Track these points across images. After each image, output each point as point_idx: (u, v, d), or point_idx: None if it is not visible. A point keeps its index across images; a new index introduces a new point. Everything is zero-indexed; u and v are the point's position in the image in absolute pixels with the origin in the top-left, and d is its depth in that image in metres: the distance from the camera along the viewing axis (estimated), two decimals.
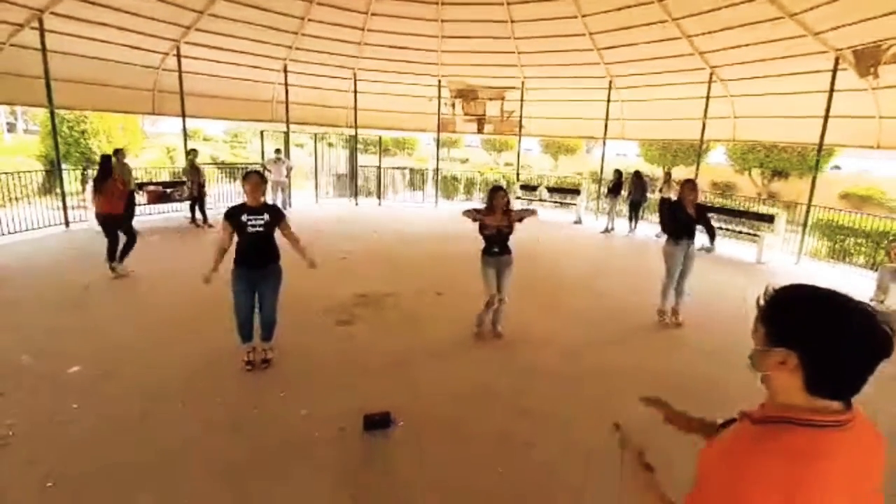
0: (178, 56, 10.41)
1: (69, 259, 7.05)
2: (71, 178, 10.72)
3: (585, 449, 3.05)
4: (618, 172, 11.32)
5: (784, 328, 0.90)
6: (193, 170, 9.60)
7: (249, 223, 3.59)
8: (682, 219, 5.08)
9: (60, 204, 9.09)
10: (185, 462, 2.76)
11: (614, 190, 11.14)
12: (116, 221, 6.15)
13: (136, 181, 9.51)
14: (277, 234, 3.78)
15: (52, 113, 9.05)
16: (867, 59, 8.15)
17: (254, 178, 3.66)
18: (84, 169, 12.36)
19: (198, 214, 9.71)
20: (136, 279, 6.11)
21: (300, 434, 3.07)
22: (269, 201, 3.91)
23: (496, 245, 4.47)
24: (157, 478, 2.63)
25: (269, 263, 3.75)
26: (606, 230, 11.03)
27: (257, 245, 3.64)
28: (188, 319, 4.82)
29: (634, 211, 10.87)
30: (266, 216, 3.65)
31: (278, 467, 2.76)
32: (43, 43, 8.34)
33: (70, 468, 2.66)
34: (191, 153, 9.83)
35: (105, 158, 6.28)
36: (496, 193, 4.45)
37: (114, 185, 6.10)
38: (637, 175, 10.90)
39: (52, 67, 8.56)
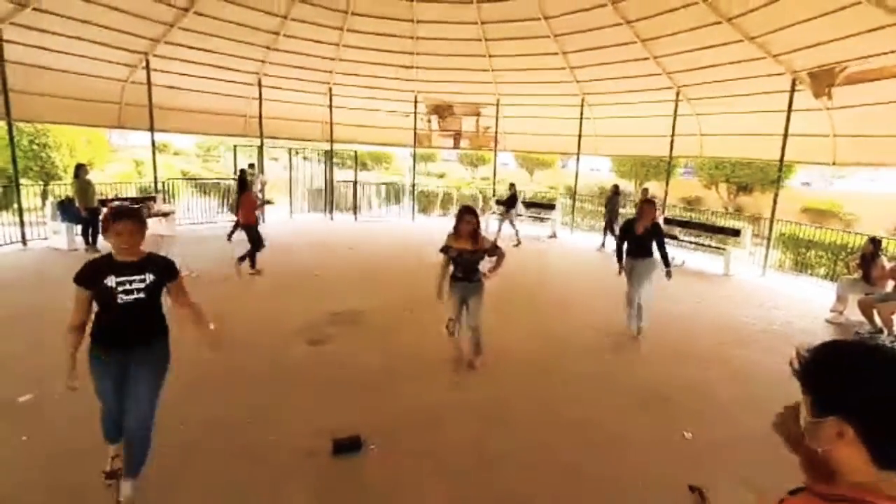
0: (148, 69, 10.18)
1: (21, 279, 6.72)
2: (29, 193, 10.28)
3: (565, 462, 3.04)
4: (512, 185, 11.44)
5: (832, 394, 0.78)
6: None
7: (120, 289, 2.31)
8: (630, 238, 5.17)
9: (17, 220, 8.69)
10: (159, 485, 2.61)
11: (507, 203, 11.08)
12: (251, 230, 7.07)
13: (100, 197, 9.15)
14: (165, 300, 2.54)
15: (9, 126, 8.70)
16: (822, 81, 8.58)
17: (127, 219, 2.30)
18: (45, 184, 11.90)
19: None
20: None
21: (269, 461, 2.94)
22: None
23: (460, 270, 4.16)
24: None
25: (151, 340, 2.48)
26: (512, 239, 10.61)
27: (133, 319, 2.38)
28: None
29: (610, 227, 11.07)
30: (148, 276, 2.38)
31: (243, 497, 2.63)
32: (0, 54, 8.05)
33: None
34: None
35: (242, 172, 7.91)
36: (462, 218, 4.02)
37: (248, 198, 7.33)
38: (614, 190, 11.14)
39: (11, 79, 8.26)
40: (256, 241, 7.10)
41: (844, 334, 5.93)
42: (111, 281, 2.29)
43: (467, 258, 4.09)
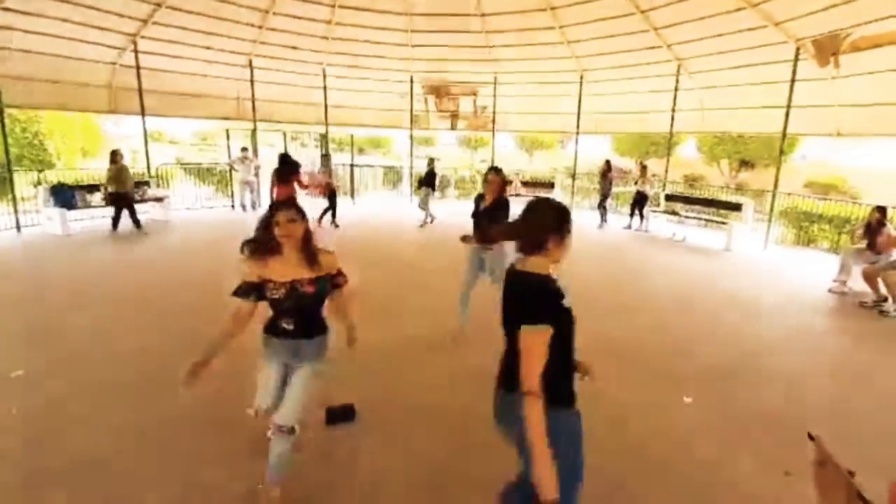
0: (136, 51, 9.98)
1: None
2: (24, 182, 10.16)
3: None
4: (431, 161, 10.93)
5: None
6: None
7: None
8: (479, 215, 4.18)
9: (11, 208, 8.61)
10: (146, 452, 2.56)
11: (426, 181, 10.54)
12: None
13: (92, 184, 9.04)
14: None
15: (0, 112, 8.55)
16: (827, 49, 8.34)
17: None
18: (39, 172, 11.78)
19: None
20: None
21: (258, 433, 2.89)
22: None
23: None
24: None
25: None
26: (423, 224, 10.17)
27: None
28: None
29: (603, 204, 10.94)
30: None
31: (231, 466, 2.58)
32: None
33: None
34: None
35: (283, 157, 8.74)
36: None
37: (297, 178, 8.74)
38: (606, 167, 10.96)
39: None
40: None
41: (848, 304, 5.85)
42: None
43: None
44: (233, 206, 11.90)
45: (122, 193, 8.43)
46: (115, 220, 8.52)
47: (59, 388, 3.36)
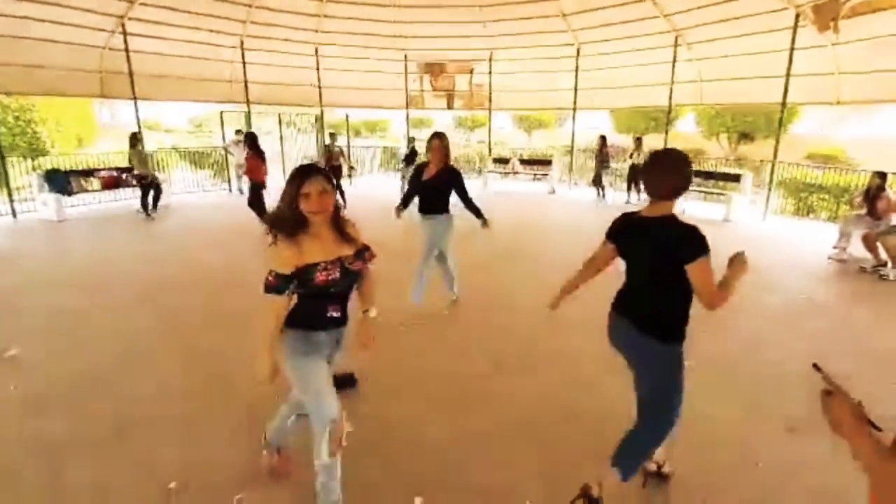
0: (124, 34, 9.79)
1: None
2: (19, 171, 10.05)
3: (557, 398, 3.01)
4: (412, 139, 10.94)
5: None
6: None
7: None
8: (420, 185, 3.92)
9: (6, 194, 8.58)
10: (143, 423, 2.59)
11: (408, 161, 10.49)
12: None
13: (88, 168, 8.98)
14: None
15: None
16: (826, 14, 8.19)
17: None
18: (33, 159, 11.68)
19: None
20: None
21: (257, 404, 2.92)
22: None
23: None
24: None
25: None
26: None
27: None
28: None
29: (598, 179, 10.89)
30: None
31: (226, 432, 2.61)
32: None
33: None
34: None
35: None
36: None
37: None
38: (601, 142, 10.87)
39: None
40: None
41: (847, 270, 5.86)
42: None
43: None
44: (230, 190, 11.84)
45: (147, 175, 8.58)
46: (144, 202, 8.59)
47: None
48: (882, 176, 6.06)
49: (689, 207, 9.57)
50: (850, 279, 5.58)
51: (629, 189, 10.50)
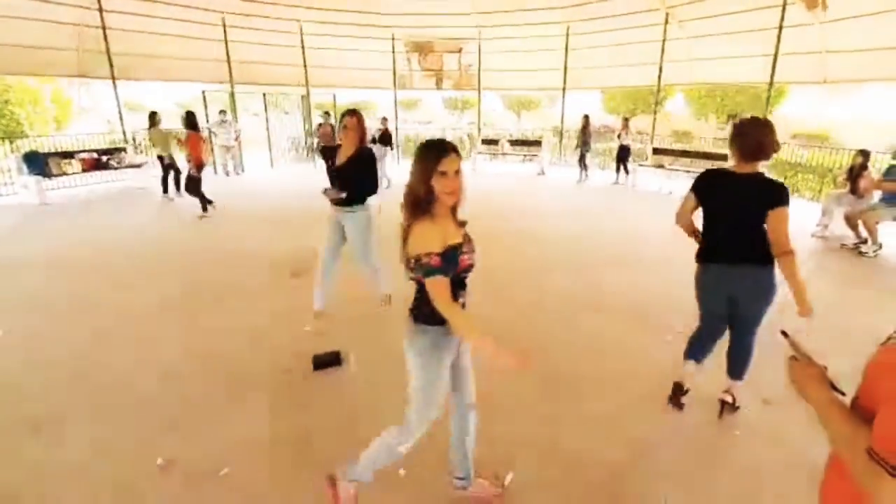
0: (101, 10, 9.47)
1: None
2: None
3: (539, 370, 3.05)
4: (384, 120, 10.86)
5: None
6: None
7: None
8: (330, 175, 3.35)
9: None
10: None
11: (381, 141, 10.15)
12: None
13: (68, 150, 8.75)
14: None
15: None
16: None
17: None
18: (11, 142, 11.36)
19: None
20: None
21: (250, 380, 2.92)
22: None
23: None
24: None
25: None
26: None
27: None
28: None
29: (583, 159, 10.85)
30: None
31: (218, 411, 2.62)
32: None
33: None
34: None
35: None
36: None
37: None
38: (584, 122, 10.77)
39: None
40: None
41: (829, 247, 5.96)
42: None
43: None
44: (215, 171, 11.63)
45: (168, 156, 8.43)
46: (165, 183, 8.50)
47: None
48: (865, 154, 6.13)
49: (677, 189, 9.60)
50: (831, 256, 5.68)
51: (617, 169, 10.49)
